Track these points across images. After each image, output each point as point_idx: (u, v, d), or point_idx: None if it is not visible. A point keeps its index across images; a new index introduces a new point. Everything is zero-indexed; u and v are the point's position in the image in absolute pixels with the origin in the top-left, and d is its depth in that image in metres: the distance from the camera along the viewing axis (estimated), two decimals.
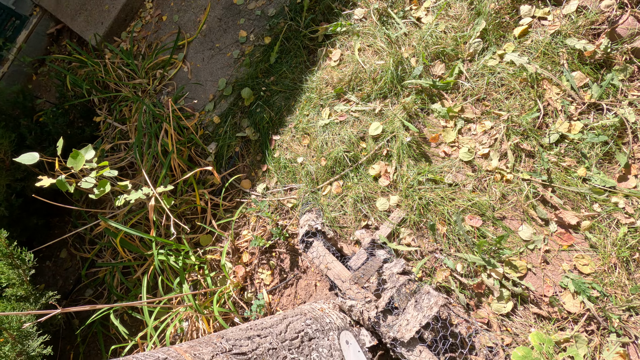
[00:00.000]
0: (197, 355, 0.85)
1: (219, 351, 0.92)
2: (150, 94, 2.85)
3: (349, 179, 2.08)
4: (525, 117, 1.76)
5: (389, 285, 1.48)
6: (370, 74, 2.15)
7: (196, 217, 2.41)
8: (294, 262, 2.15)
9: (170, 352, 0.82)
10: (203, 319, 1.98)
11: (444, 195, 1.82)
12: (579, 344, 1.46)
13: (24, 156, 1.58)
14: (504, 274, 1.65)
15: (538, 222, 1.69)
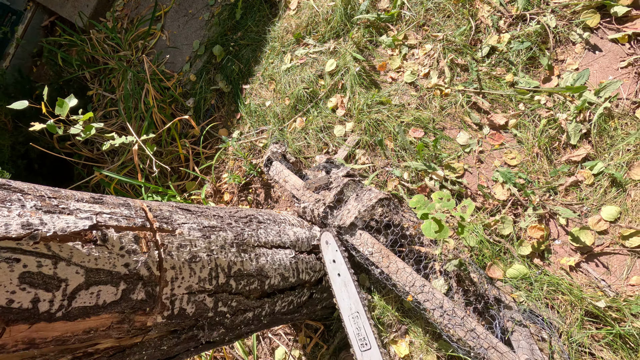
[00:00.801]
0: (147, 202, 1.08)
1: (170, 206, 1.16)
2: (134, 64, 3.09)
3: (310, 113, 2.28)
4: (457, 32, 1.92)
5: (334, 185, 1.69)
6: (324, 16, 2.33)
7: (180, 166, 2.66)
8: (268, 195, 2.38)
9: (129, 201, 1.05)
10: None
11: (391, 114, 2.01)
12: (505, 225, 1.65)
13: (16, 103, 1.83)
14: (444, 176, 1.84)
15: (473, 127, 1.86)
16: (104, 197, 0.96)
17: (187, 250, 1.01)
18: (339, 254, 1.41)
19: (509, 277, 1.57)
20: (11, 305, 0.64)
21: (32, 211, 0.72)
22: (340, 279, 1.28)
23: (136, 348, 0.90)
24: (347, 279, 1.32)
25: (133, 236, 0.89)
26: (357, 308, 1.23)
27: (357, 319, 1.22)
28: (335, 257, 1.41)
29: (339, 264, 1.33)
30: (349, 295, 1.29)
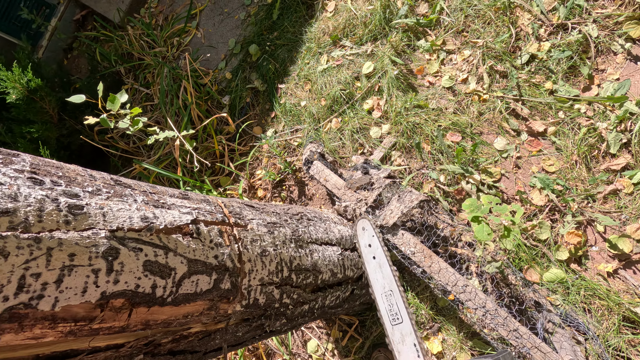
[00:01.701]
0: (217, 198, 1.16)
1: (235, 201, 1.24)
2: (169, 60, 3.18)
3: (346, 114, 2.34)
4: (498, 40, 1.96)
5: (376, 186, 1.76)
6: (362, 19, 2.38)
7: (215, 161, 2.75)
8: (302, 192, 2.45)
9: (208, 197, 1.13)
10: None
11: (428, 117, 2.06)
12: (543, 229, 1.70)
13: (74, 97, 1.93)
14: (480, 180, 1.89)
15: (511, 133, 1.91)
16: (189, 194, 1.04)
17: (258, 245, 1.09)
18: (375, 238, 1.46)
19: (546, 280, 1.62)
20: (137, 290, 0.72)
21: (144, 205, 0.80)
22: (375, 262, 1.35)
23: (218, 333, 0.99)
24: (382, 261, 1.38)
25: (217, 230, 0.96)
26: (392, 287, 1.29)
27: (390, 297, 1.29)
28: (372, 242, 1.46)
29: (374, 247, 1.39)
30: (383, 275, 1.35)
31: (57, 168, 0.73)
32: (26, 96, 2.22)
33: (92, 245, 0.65)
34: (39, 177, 0.66)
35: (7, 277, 0.53)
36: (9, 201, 0.57)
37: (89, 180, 0.76)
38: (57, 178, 0.69)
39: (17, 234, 0.56)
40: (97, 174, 0.82)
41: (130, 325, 0.74)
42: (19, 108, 2.28)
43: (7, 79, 2.08)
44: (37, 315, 0.59)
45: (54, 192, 0.65)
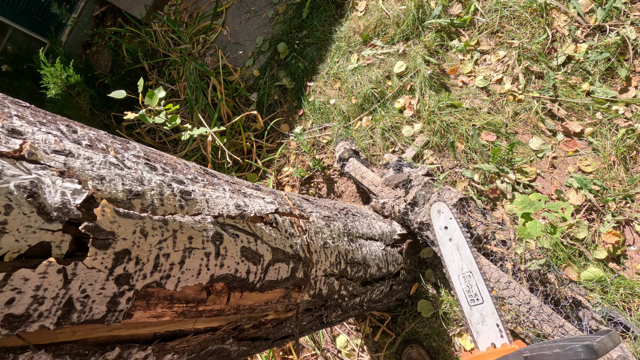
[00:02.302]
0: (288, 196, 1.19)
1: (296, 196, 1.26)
2: (195, 57, 3.21)
3: (377, 113, 2.37)
4: (534, 41, 1.97)
5: (415, 183, 1.78)
6: (394, 19, 2.41)
7: (243, 158, 2.78)
8: (331, 189, 2.48)
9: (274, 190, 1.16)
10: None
11: (462, 117, 2.08)
12: (580, 229, 1.72)
13: (115, 92, 1.96)
14: (515, 179, 1.91)
15: (546, 133, 1.93)
16: (259, 185, 1.06)
17: (320, 237, 1.11)
18: (453, 221, 1.46)
19: (584, 279, 1.64)
20: (236, 275, 0.74)
21: (234, 194, 0.83)
22: (452, 244, 1.36)
23: (288, 322, 1.01)
24: (461, 242, 1.39)
25: (289, 221, 0.99)
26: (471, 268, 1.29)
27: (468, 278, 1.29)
28: (449, 224, 1.46)
29: (452, 230, 1.40)
30: (461, 257, 1.35)
31: (160, 156, 0.75)
32: (64, 91, 2.26)
33: (203, 229, 0.68)
34: (152, 163, 0.69)
35: (147, 255, 0.56)
36: (138, 184, 0.60)
37: (185, 168, 0.79)
38: (163, 165, 0.72)
39: (150, 215, 0.59)
40: (189, 162, 0.85)
41: (225, 310, 0.76)
42: (56, 103, 2.31)
43: (50, 75, 2.12)
44: (160, 295, 0.61)
45: (167, 177, 0.68)
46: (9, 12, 4.44)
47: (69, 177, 0.48)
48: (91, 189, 0.51)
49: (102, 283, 0.49)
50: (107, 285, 0.50)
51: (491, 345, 1.12)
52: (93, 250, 0.47)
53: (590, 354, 0.54)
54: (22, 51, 3.03)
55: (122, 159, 0.61)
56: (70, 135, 0.56)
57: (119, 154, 0.62)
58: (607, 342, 0.58)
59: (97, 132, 0.65)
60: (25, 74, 2.92)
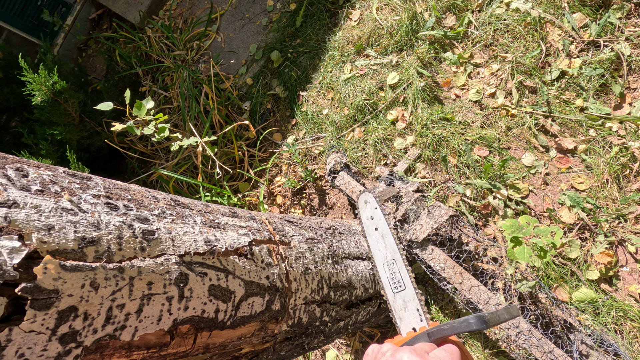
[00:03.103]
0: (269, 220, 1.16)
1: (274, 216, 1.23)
2: (188, 63, 3.18)
3: (369, 124, 2.34)
4: (528, 56, 1.95)
5: (405, 200, 1.75)
6: (387, 30, 2.38)
7: (234, 167, 2.75)
8: (322, 200, 2.45)
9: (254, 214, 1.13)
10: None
11: (455, 131, 2.05)
12: (572, 248, 1.69)
13: (102, 104, 1.93)
14: (508, 196, 1.88)
15: (539, 149, 1.90)
16: (237, 211, 1.03)
17: (301, 263, 1.08)
18: (378, 210, 1.44)
19: (576, 300, 1.61)
20: (203, 315, 0.71)
21: (204, 227, 0.80)
22: (378, 233, 1.34)
23: (264, 353, 0.98)
24: (385, 231, 1.37)
25: (267, 249, 0.96)
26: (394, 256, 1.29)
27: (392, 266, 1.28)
28: (374, 214, 1.45)
29: (377, 219, 1.38)
30: (385, 245, 1.34)
31: (125, 191, 0.73)
32: (51, 98, 2.23)
33: (166, 272, 0.65)
34: (113, 201, 0.66)
35: (97, 309, 0.53)
36: (93, 229, 0.57)
37: (153, 202, 0.76)
38: (127, 202, 0.69)
39: (104, 264, 0.56)
40: (158, 194, 0.82)
41: (192, 351, 0.73)
42: (42, 110, 2.28)
43: (34, 81, 2.09)
44: (116, 345, 0.58)
45: (128, 217, 0.65)
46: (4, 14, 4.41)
47: (7, 234, 0.45)
48: (35, 243, 0.48)
49: (44, 344, 0.46)
50: (50, 346, 0.47)
51: (412, 329, 1.11)
52: (32, 312, 0.45)
53: (481, 324, 0.57)
54: (12, 56, 3.00)
55: (77, 202, 0.58)
56: (18, 181, 0.53)
57: (74, 196, 0.59)
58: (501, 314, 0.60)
59: (54, 171, 0.62)
60: (16, 80, 2.89)
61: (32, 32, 4.70)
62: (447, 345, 0.56)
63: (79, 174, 0.67)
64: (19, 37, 4.69)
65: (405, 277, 1.22)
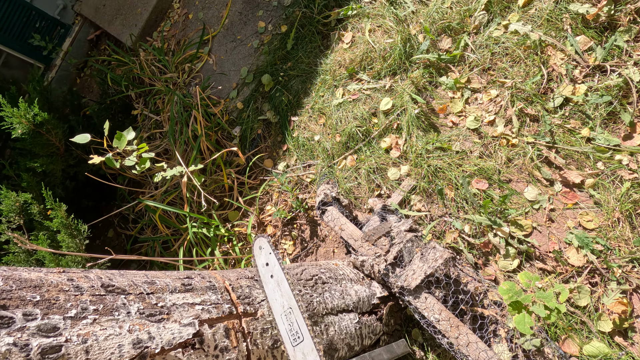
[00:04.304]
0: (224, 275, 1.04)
1: (243, 276, 1.11)
2: (180, 86, 3.11)
3: (362, 152, 2.22)
4: (529, 82, 1.82)
5: (397, 241, 1.62)
6: (380, 53, 2.28)
7: (224, 195, 2.64)
8: (314, 232, 2.32)
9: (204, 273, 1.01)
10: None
11: (452, 161, 1.92)
12: (581, 295, 1.53)
13: (78, 137, 1.85)
14: (509, 233, 1.74)
15: (543, 182, 1.76)
16: (192, 281, 0.91)
17: (269, 335, 0.96)
18: (272, 256, 1.29)
19: (587, 354, 1.45)
20: None
21: (138, 321, 0.68)
22: (274, 280, 1.20)
23: None
24: (280, 278, 1.22)
25: (224, 329, 0.84)
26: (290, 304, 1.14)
27: (289, 315, 1.14)
28: (269, 260, 1.30)
29: (272, 265, 1.23)
30: (281, 293, 1.20)
31: (36, 288, 0.61)
32: (32, 130, 2.16)
33: None
34: (9, 311, 0.54)
35: None
36: None
37: (73, 295, 0.64)
38: (32, 307, 0.57)
39: None
40: (86, 282, 0.70)
41: None
42: (24, 141, 2.21)
43: (13, 115, 2.02)
44: None
45: (25, 333, 0.53)
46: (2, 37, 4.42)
47: None
48: None
49: None
50: None
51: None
52: None
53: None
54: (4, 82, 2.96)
55: None
56: None
57: None
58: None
59: None
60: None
61: (31, 54, 4.70)
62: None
63: None
64: (18, 59, 4.70)
65: (303, 327, 1.08)
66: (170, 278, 0.88)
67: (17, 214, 2.09)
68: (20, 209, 2.09)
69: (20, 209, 2.10)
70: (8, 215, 2.07)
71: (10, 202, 2.05)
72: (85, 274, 0.73)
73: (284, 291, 1.17)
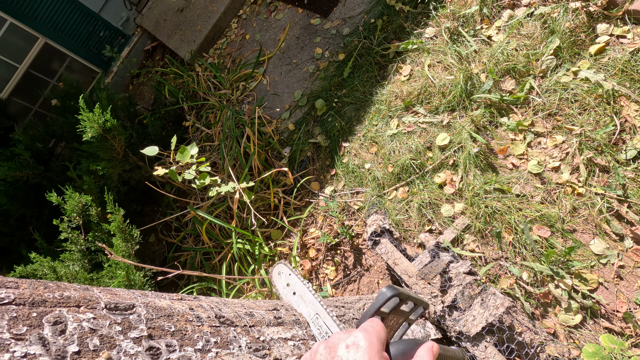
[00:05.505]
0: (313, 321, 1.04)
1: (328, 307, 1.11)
2: (233, 103, 3.22)
3: (414, 185, 2.21)
4: (600, 131, 1.78)
5: (456, 283, 1.58)
6: (440, 88, 2.29)
7: (268, 213, 2.67)
8: (358, 261, 2.30)
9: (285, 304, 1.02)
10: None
11: (511, 204, 1.88)
12: None
13: (147, 149, 1.93)
14: (572, 286, 1.67)
15: (612, 237, 1.69)
16: (280, 313, 0.92)
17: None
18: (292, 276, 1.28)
19: None
20: None
21: (249, 356, 0.69)
22: (297, 296, 1.18)
23: None
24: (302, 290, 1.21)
25: None
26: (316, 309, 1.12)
27: (317, 320, 1.12)
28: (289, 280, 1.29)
29: (293, 284, 1.22)
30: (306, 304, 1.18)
31: (168, 318, 0.63)
32: (100, 135, 2.28)
33: None
34: (155, 341, 0.56)
35: None
36: None
37: (197, 326, 0.66)
38: (170, 337, 0.59)
39: None
40: (203, 312, 0.72)
41: None
42: (91, 144, 2.33)
43: (88, 119, 2.14)
44: None
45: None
46: (70, 43, 4.75)
47: None
48: None
49: None
50: None
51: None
52: None
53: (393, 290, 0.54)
54: (72, 87, 3.16)
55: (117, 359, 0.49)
56: (54, 344, 0.45)
57: (114, 349, 0.50)
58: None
59: (95, 308, 0.54)
60: (71, 110, 3.03)
61: (92, 60, 5.03)
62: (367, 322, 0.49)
63: (121, 302, 0.59)
64: (80, 64, 5.03)
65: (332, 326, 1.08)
66: (262, 309, 0.90)
67: (78, 214, 2.19)
68: (81, 209, 2.19)
69: (82, 209, 2.19)
70: (70, 214, 2.17)
71: (74, 202, 2.15)
72: (199, 303, 0.75)
73: (308, 301, 1.18)
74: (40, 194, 2.86)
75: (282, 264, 1.35)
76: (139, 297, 0.63)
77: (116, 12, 5.16)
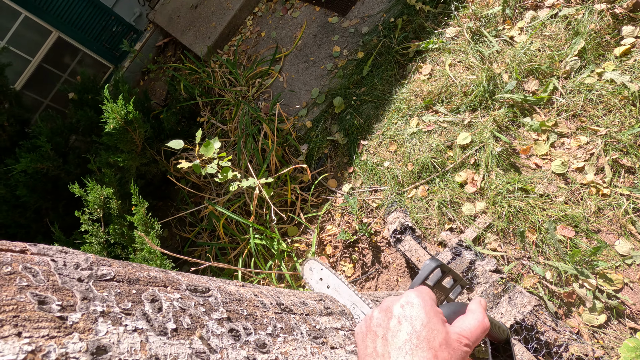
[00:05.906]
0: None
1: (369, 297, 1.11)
2: (249, 100, 3.23)
3: (434, 184, 2.21)
4: (626, 132, 1.78)
5: (482, 280, 1.59)
6: (461, 88, 2.29)
7: (285, 210, 2.68)
8: (376, 258, 2.31)
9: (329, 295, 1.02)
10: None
11: (535, 204, 1.88)
12: None
13: (173, 142, 1.94)
14: (597, 286, 1.67)
15: (637, 237, 1.69)
16: (327, 303, 0.93)
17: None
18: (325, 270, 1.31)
19: None
20: None
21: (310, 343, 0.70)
22: (331, 289, 1.20)
23: None
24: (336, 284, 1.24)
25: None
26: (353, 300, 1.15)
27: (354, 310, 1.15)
28: (322, 275, 1.31)
29: (326, 277, 1.24)
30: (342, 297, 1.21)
31: (239, 302, 0.64)
32: (122, 126, 2.29)
33: None
34: (234, 324, 0.57)
35: None
36: None
37: (264, 313, 0.67)
38: (245, 320, 0.60)
39: None
40: (266, 298, 0.73)
41: None
42: (112, 136, 2.34)
43: (111, 110, 2.15)
44: None
45: (250, 347, 0.56)
46: (83, 37, 4.77)
47: None
48: None
49: None
50: None
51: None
52: None
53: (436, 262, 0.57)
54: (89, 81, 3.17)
55: (207, 338, 0.50)
56: (156, 320, 0.45)
57: (203, 328, 0.51)
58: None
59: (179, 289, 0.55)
60: (89, 103, 3.04)
61: (104, 55, 5.04)
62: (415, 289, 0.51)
63: (199, 285, 0.59)
64: (92, 59, 5.04)
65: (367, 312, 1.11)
66: (311, 299, 0.90)
67: (100, 207, 2.20)
68: (102, 202, 2.20)
69: (103, 202, 2.20)
70: (92, 207, 2.18)
71: (96, 195, 2.16)
72: (259, 290, 0.76)
73: (343, 293, 1.20)
74: (56, 186, 2.87)
75: (312, 260, 1.36)
76: (210, 282, 0.64)
77: (129, 7, 5.17)
